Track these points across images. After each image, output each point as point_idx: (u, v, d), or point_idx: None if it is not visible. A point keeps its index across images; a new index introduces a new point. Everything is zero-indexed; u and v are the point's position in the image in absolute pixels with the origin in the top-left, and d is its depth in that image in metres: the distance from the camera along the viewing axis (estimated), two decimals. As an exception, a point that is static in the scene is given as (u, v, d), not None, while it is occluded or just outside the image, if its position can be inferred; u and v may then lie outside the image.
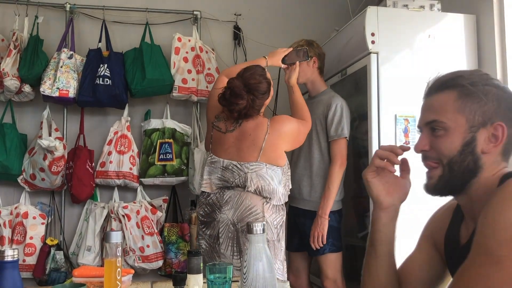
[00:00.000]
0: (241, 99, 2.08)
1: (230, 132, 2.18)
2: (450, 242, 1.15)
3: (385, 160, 1.15)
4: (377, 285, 1.16)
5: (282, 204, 2.20)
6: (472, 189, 1.07)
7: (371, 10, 2.48)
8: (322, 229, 2.42)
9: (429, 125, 1.10)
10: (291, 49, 2.56)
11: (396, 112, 2.44)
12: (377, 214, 1.16)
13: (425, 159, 1.12)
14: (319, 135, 2.54)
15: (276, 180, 2.12)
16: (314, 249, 2.45)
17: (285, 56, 2.53)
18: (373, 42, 2.45)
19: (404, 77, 2.47)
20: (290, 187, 2.29)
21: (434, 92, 1.11)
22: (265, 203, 2.09)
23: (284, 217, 2.20)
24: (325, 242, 2.42)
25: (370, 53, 2.46)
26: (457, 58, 2.56)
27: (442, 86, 1.10)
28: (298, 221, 2.62)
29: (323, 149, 2.53)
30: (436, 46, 2.54)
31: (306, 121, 2.35)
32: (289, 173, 2.28)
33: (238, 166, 2.12)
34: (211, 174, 2.18)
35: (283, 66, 2.55)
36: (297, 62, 2.52)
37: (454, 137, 1.06)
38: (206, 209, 2.18)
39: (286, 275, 2.23)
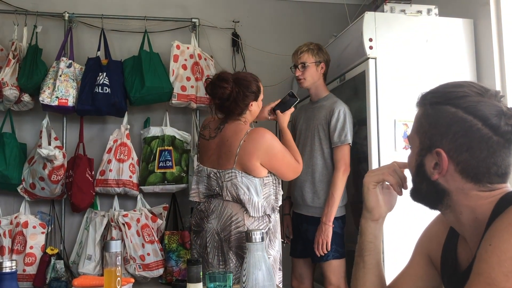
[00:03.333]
0: (226, 83, 2.08)
1: (213, 138, 2.18)
2: (448, 263, 1.09)
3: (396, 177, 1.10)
4: None
5: (267, 214, 2.12)
6: (454, 211, 0.99)
7: (369, 16, 2.49)
8: (326, 236, 2.41)
9: None
10: (276, 102, 2.39)
11: (395, 117, 2.45)
12: (368, 224, 1.15)
13: None
14: (322, 141, 2.52)
15: (252, 190, 2.06)
16: (318, 255, 2.44)
17: (276, 106, 2.37)
18: (371, 47, 2.46)
19: (403, 82, 2.47)
20: (280, 203, 2.19)
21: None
22: (245, 212, 2.07)
23: (270, 225, 2.13)
24: (329, 249, 2.42)
25: (368, 58, 2.47)
26: (455, 63, 2.57)
27: (417, 103, 1.04)
28: (301, 227, 2.61)
29: (326, 155, 2.52)
30: (434, 51, 2.54)
31: (298, 162, 2.22)
32: (278, 188, 2.17)
33: (218, 174, 2.11)
34: (199, 184, 2.19)
35: (270, 117, 2.39)
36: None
37: (411, 157, 1.04)
38: (197, 217, 2.19)
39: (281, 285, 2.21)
